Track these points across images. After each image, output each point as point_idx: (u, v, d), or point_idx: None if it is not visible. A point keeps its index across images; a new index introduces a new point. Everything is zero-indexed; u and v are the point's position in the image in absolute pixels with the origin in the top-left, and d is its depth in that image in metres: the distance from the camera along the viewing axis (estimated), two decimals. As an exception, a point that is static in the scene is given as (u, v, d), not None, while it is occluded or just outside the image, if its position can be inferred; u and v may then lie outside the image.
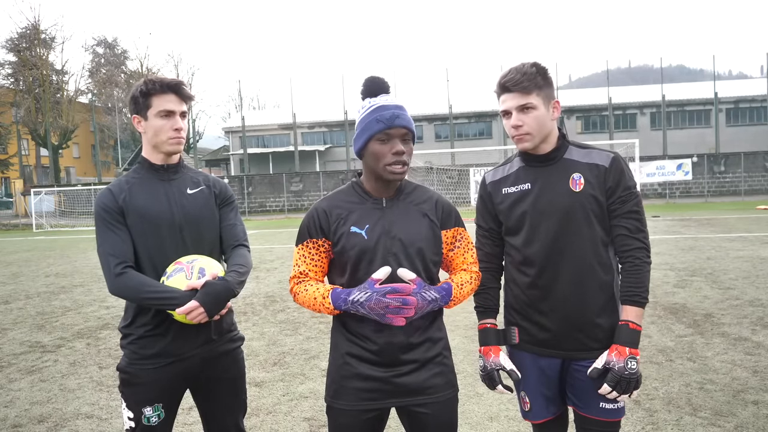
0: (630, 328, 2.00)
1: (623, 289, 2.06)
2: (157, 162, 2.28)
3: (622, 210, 2.06)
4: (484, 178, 2.31)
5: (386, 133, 1.94)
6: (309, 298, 1.98)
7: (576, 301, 2.09)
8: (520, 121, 2.07)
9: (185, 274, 2.12)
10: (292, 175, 33.94)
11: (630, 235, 2.06)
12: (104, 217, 2.17)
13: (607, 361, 1.99)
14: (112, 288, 2.15)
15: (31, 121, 44.10)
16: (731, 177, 30.79)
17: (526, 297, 2.17)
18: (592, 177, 2.07)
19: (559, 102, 2.15)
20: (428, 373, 2.01)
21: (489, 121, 42.98)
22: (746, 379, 4.32)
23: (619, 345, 1.99)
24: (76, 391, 4.69)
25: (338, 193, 2.10)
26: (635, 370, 1.96)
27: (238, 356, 2.39)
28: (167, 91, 2.20)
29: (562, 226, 2.08)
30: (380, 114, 1.94)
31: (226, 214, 2.37)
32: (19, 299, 8.98)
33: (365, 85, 2.03)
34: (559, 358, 2.15)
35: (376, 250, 1.96)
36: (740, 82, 51.01)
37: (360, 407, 1.99)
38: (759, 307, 6.53)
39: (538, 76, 2.06)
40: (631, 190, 2.07)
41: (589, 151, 2.13)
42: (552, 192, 2.10)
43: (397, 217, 2.02)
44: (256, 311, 7.37)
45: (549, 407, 2.23)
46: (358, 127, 2.00)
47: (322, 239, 2.02)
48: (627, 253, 2.06)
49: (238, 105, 53.03)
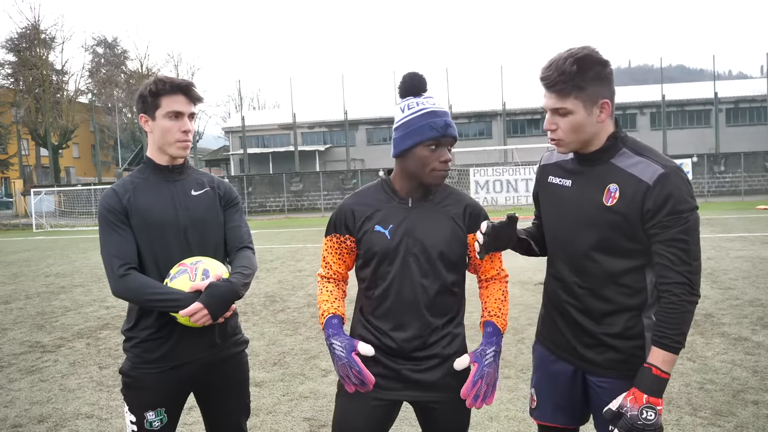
0: (653, 373, 1.74)
1: (655, 327, 1.79)
2: (162, 163, 2.25)
3: (663, 236, 1.76)
4: (542, 157, 2.15)
5: (437, 140, 1.94)
6: (319, 299, 2.13)
7: (587, 317, 1.94)
8: (554, 124, 1.88)
9: (189, 276, 2.09)
10: (292, 175, 33.93)
11: (669, 266, 1.76)
12: (108, 217, 2.15)
13: (621, 405, 1.76)
14: (115, 289, 2.13)
15: (31, 121, 44.08)
16: (731, 177, 30.77)
17: (554, 295, 2.06)
18: (629, 192, 1.80)
19: (610, 102, 1.85)
20: (443, 371, 2.02)
21: (489, 121, 42.97)
22: (746, 379, 4.32)
23: (638, 390, 1.75)
24: (76, 391, 4.69)
25: (367, 190, 2.12)
26: (652, 422, 1.70)
27: (242, 360, 2.37)
28: (177, 92, 2.17)
29: (581, 237, 1.91)
30: (433, 121, 1.94)
31: (230, 216, 2.35)
32: (19, 299, 8.98)
33: (407, 82, 2.01)
34: (572, 365, 2.02)
35: (397, 250, 1.98)
36: (740, 82, 51.00)
37: (370, 395, 2.00)
38: (759, 307, 6.53)
39: (578, 76, 1.78)
40: (680, 215, 1.75)
41: (641, 159, 1.83)
42: (583, 198, 1.91)
43: (422, 219, 2.02)
44: (256, 311, 7.37)
45: (556, 414, 2.09)
46: (404, 127, 1.97)
47: (345, 235, 2.07)
48: (664, 287, 1.78)
49: (238, 105, 53.00)
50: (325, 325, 2.02)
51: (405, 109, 1.99)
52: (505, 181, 27.84)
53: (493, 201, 27.71)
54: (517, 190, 27.63)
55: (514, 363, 4.93)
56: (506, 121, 38.74)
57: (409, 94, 2.02)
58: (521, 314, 6.52)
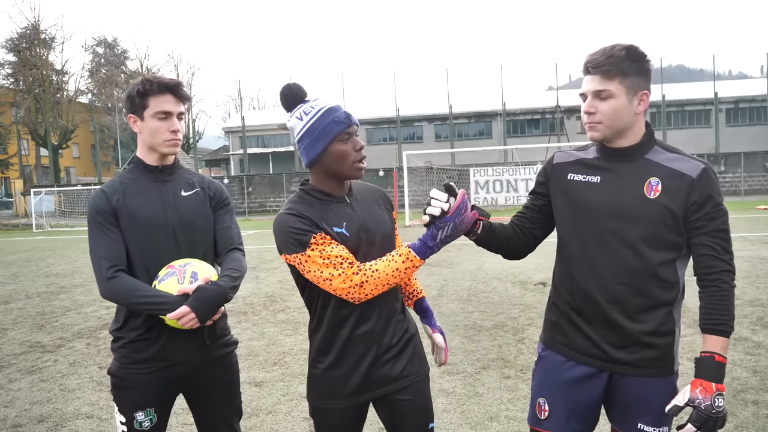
0: (716, 360, 1.76)
1: (706, 316, 1.82)
2: (152, 163, 2.24)
3: (708, 228, 1.83)
4: (553, 156, 2.12)
5: (347, 132, 1.95)
6: (387, 275, 1.87)
7: (625, 315, 1.90)
8: (593, 107, 1.87)
9: (177, 278, 2.08)
10: (292, 175, 33.92)
11: (716, 256, 1.82)
12: (97, 219, 2.13)
13: (692, 398, 1.73)
14: (103, 292, 2.12)
15: (31, 121, 44.06)
16: (731, 177, 30.77)
17: (572, 297, 1.99)
18: (673, 186, 1.84)
19: (649, 94, 1.88)
20: (407, 356, 2.06)
21: (489, 121, 42.95)
22: (746, 379, 4.32)
23: (705, 380, 1.74)
24: (76, 391, 4.69)
25: (297, 203, 1.97)
26: (722, 408, 1.72)
27: (231, 361, 2.36)
28: (165, 92, 2.16)
29: (622, 231, 1.88)
30: (335, 115, 1.94)
31: (220, 217, 2.33)
32: (19, 299, 8.98)
33: (287, 94, 1.99)
34: (597, 368, 1.96)
35: (358, 244, 1.96)
36: (740, 82, 50.99)
37: (345, 404, 2.00)
38: (759, 307, 6.53)
39: (626, 61, 1.82)
40: (719, 207, 1.84)
41: (677, 156, 1.89)
42: (622, 193, 1.89)
43: (364, 210, 2.04)
44: (256, 311, 7.36)
45: (570, 422, 2.01)
46: (310, 133, 1.93)
47: (319, 233, 1.89)
48: (712, 276, 1.82)
49: (238, 105, 52.98)
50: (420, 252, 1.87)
51: (302, 116, 1.96)
52: (505, 181, 27.83)
53: (493, 201, 27.71)
54: (517, 190, 27.62)
55: (514, 363, 4.93)
56: (506, 121, 38.74)
57: (295, 104, 2.00)
58: (521, 314, 6.52)
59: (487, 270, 9.75)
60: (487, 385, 4.44)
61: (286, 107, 2.01)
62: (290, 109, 2.00)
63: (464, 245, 13.58)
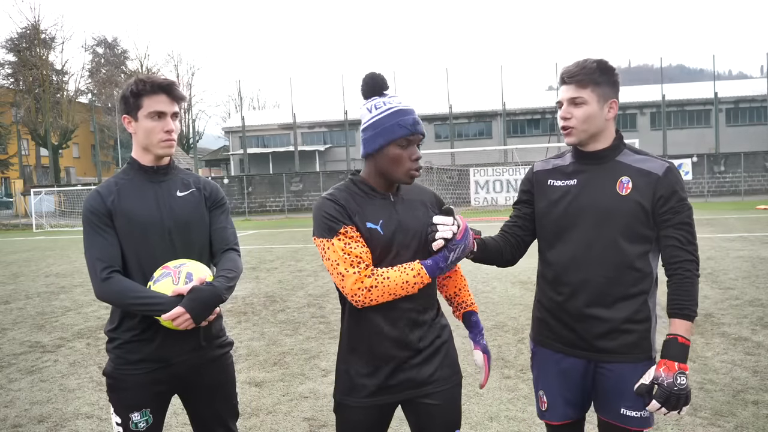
0: (679, 342, 1.94)
1: (672, 301, 1.99)
2: (147, 163, 2.22)
3: (673, 221, 2.02)
4: (533, 166, 2.31)
5: (407, 139, 1.95)
6: (396, 284, 1.89)
7: (604, 305, 2.06)
8: (569, 113, 2.08)
9: (172, 279, 2.07)
10: (292, 175, 33.93)
11: (681, 246, 2.01)
12: (92, 220, 2.12)
13: (656, 376, 1.93)
14: (98, 293, 2.11)
15: (31, 121, 44.09)
16: (731, 177, 30.77)
17: (555, 293, 2.16)
18: (642, 184, 2.04)
19: (617, 102, 2.11)
20: (437, 362, 2.05)
21: (489, 121, 42.98)
22: (746, 379, 4.32)
23: (668, 360, 1.92)
24: (76, 391, 4.69)
25: (340, 191, 2.01)
26: (685, 386, 1.89)
27: (226, 362, 2.35)
28: (158, 92, 2.14)
29: (600, 227, 2.05)
30: (402, 119, 1.95)
31: (216, 217, 2.32)
32: (19, 299, 8.98)
33: (368, 83, 2.01)
34: (584, 359, 2.12)
35: (391, 244, 1.96)
36: (740, 82, 50.99)
37: (369, 403, 2.00)
38: (759, 307, 6.53)
39: (597, 72, 2.05)
40: (684, 202, 2.03)
41: (644, 157, 2.10)
42: (597, 191, 2.08)
43: (407, 211, 2.03)
44: (256, 311, 7.35)
45: (567, 410, 2.18)
46: (374, 127, 1.96)
47: (350, 226, 1.93)
48: (676, 265, 2.01)
49: (238, 105, 53.03)
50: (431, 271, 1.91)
51: (372, 109, 1.98)
52: (505, 181, 27.84)
53: (493, 201, 27.71)
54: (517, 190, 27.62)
55: (514, 363, 4.93)
56: (506, 121, 38.74)
57: (373, 95, 2.01)
58: (521, 314, 6.53)
59: (487, 270, 9.74)
60: (487, 385, 4.44)
61: (364, 94, 2.02)
62: (367, 97, 2.02)
63: (464, 245, 13.58)
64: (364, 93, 2.02)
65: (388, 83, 2.03)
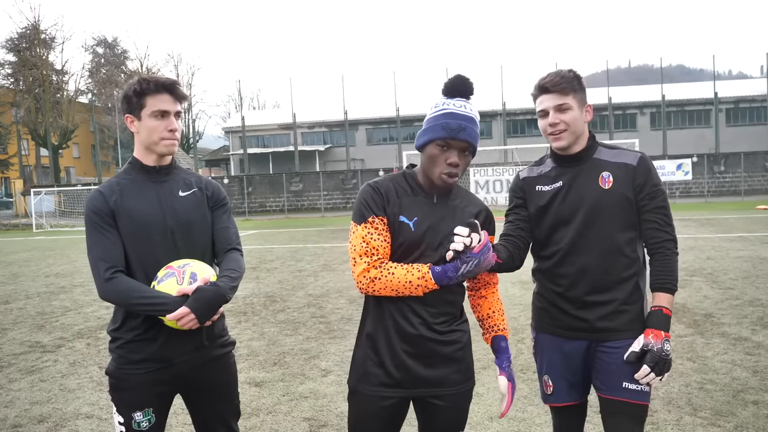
0: (663, 313, 2.14)
1: (654, 277, 2.19)
2: (149, 163, 2.22)
3: (650, 206, 2.20)
4: (518, 175, 2.46)
5: (447, 142, 1.96)
6: (399, 282, 1.93)
7: (602, 291, 2.22)
8: (558, 119, 2.21)
9: (176, 279, 2.07)
10: (292, 175, 33.94)
11: (660, 228, 2.20)
12: (94, 220, 2.12)
13: (645, 343, 2.11)
14: (102, 293, 2.11)
15: (31, 121, 44.08)
16: (731, 177, 30.78)
17: (555, 285, 2.31)
18: (621, 175, 2.22)
19: (592, 106, 2.29)
20: (448, 368, 2.05)
21: (489, 121, 42.95)
22: (746, 379, 4.32)
23: (655, 329, 2.12)
24: (76, 391, 4.69)
25: (388, 180, 2.07)
26: (668, 352, 2.11)
27: (229, 361, 2.35)
28: (162, 91, 2.15)
29: (590, 221, 2.21)
30: (447, 121, 1.96)
31: (218, 217, 2.32)
32: (19, 299, 8.98)
33: (451, 82, 2.03)
34: (585, 340, 2.26)
35: (420, 242, 1.98)
36: (740, 82, 51.00)
37: (381, 393, 2.03)
38: (759, 307, 6.53)
39: (575, 80, 2.23)
40: (658, 187, 2.22)
41: (618, 151, 2.29)
42: (582, 188, 2.24)
43: (446, 215, 2.04)
44: (256, 311, 7.35)
45: (571, 392, 2.33)
46: (426, 123, 2.03)
47: (381, 217, 1.99)
48: (657, 245, 2.20)
49: (238, 105, 53.06)
50: (437, 277, 1.91)
51: (436, 105, 2.03)
52: (505, 181, 27.82)
53: (493, 201, 27.68)
54: (515, 192, 27.61)
55: (514, 363, 4.93)
56: (506, 121, 38.74)
57: (452, 95, 2.02)
58: (521, 314, 6.53)
59: (487, 270, 9.74)
60: (487, 385, 4.44)
61: (446, 93, 2.04)
62: (448, 96, 2.04)
63: (464, 245, 13.58)
64: (446, 91, 2.04)
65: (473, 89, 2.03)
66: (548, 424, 3.70)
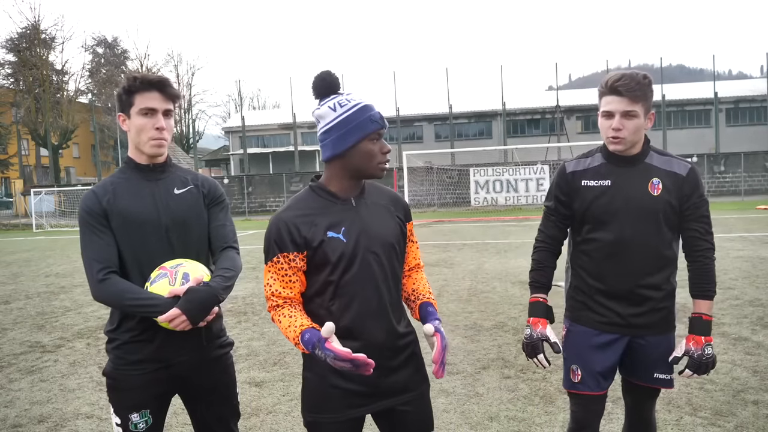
0: (704, 320, 2.30)
1: (694, 284, 2.33)
2: (143, 162, 2.20)
3: (695, 214, 2.31)
4: (564, 166, 2.46)
5: (378, 132, 1.94)
6: (283, 329, 1.90)
7: (640, 289, 2.32)
8: (622, 125, 2.22)
9: (168, 280, 2.05)
10: (292, 175, 33.92)
11: (701, 237, 2.32)
12: (88, 220, 2.10)
13: (687, 350, 2.29)
14: (95, 294, 2.09)
15: (31, 121, 44.08)
16: (731, 177, 30.77)
17: (596, 281, 2.38)
18: (670, 183, 2.29)
19: (655, 114, 2.33)
20: (411, 369, 2.03)
21: (489, 121, 42.95)
22: (746, 379, 4.32)
23: (696, 335, 2.28)
24: (76, 391, 4.69)
25: (298, 201, 1.97)
26: (711, 354, 2.28)
27: (227, 362, 2.33)
28: (150, 89, 2.12)
29: (636, 223, 2.28)
30: (372, 114, 1.92)
31: (215, 215, 2.29)
32: (19, 299, 8.98)
33: (325, 80, 1.96)
34: (619, 334, 2.36)
35: (356, 250, 1.91)
36: (740, 82, 50.97)
37: (347, 416, 1.94)
38: (759, 307, 6.53)
39: (647, 88, 2.22)
40: (703, 198, 2.32)
41: (669, 159, 2.34)
42: (630, 191, 2.30)
43: (369, 215, 1.98)
44: (256, 311, 7.34)
45: (600, 383, 2.40)
46: (342, 126, 1.90)
47: (294, 253, 1.89)
48: (698, 253, 2.32)
49: (238, 105, 52.98)
50: (304, 343, 1.83)
51: (336, 107, 1.93)
52: (505, 181, 27.84)
53: (493, 201, 27.70)
54: (517, 190, 27.61)
55: (514, 363, 4.93)
56: (506, 121, 38.72)
57: (328, 93, 1.96)
58: (521, 314, 6.53)
59: (487, 270, 9.75)
60: (487, 385, 4.44)
61: (318, 95, 1.97)
62: (321, 97, 1.97)
63: (464, 245, 13.56)
64: (318, 93, 1.97)
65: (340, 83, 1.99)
66: (548, 424, 3.70)
